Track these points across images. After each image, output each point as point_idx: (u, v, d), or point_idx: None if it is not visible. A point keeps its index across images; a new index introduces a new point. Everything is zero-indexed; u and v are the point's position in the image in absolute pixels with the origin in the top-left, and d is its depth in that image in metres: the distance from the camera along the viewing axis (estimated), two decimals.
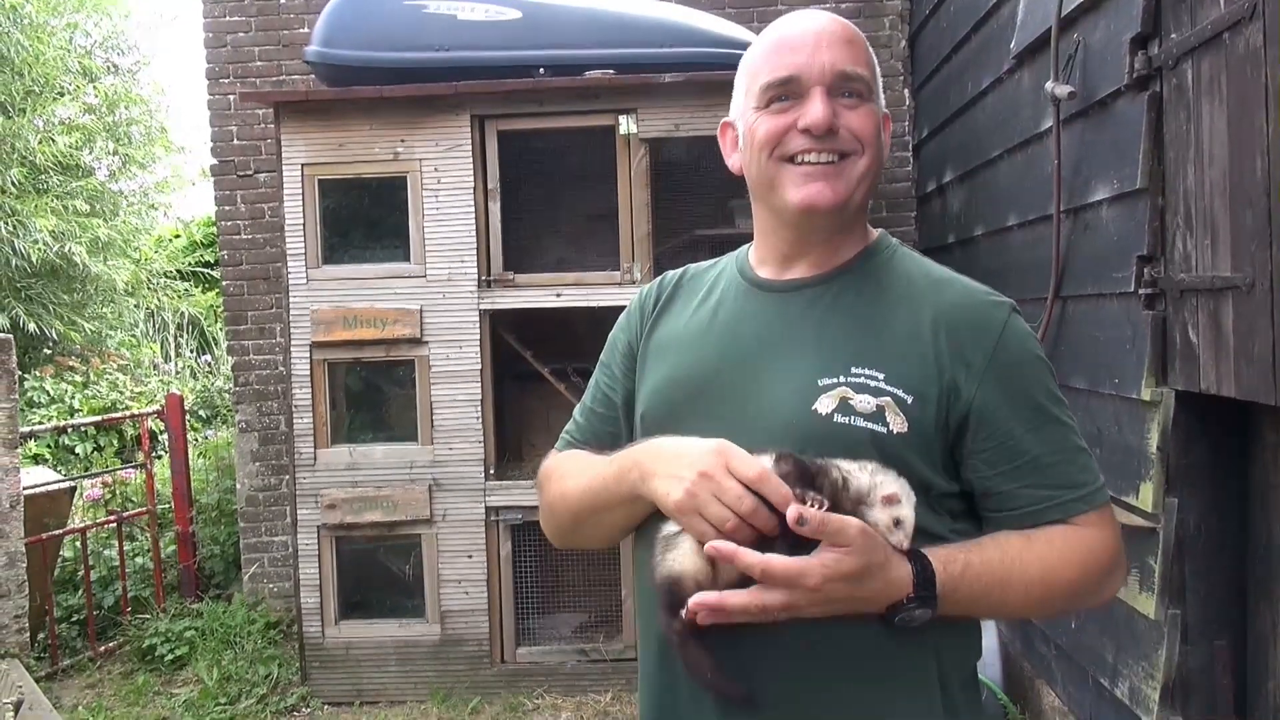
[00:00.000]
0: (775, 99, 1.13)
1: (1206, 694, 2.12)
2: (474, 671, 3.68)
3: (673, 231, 3.79)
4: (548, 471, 1.32)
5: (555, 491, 1.28)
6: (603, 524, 1.22)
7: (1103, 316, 2.44)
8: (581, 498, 1.22)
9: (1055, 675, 2.90)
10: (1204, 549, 2.12)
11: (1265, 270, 1.73)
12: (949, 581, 1.04)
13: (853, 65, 1.12)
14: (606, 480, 1.17)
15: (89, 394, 8.21)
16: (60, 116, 9.48)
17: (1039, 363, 1.16)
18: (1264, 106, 1.72)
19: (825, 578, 0.99)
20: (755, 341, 1.16)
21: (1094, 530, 1.12)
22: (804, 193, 1.12)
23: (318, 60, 3.70)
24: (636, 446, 1.15)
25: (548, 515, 1.32)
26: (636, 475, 1.11)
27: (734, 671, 1.07)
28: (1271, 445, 1.99)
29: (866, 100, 1.13)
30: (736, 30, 3.87)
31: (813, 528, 0.98)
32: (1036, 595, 1.10)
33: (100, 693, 3.94)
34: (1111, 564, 1.13)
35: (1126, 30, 2.21)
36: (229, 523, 4.90)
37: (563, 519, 1.28)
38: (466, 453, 3.65)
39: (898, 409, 1.07)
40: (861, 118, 1.12)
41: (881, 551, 1.01)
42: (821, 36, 1.12)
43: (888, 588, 1.03)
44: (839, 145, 1.11)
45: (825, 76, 1.11)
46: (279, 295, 4.34)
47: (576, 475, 1.24)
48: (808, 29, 1.13)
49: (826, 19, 1.15)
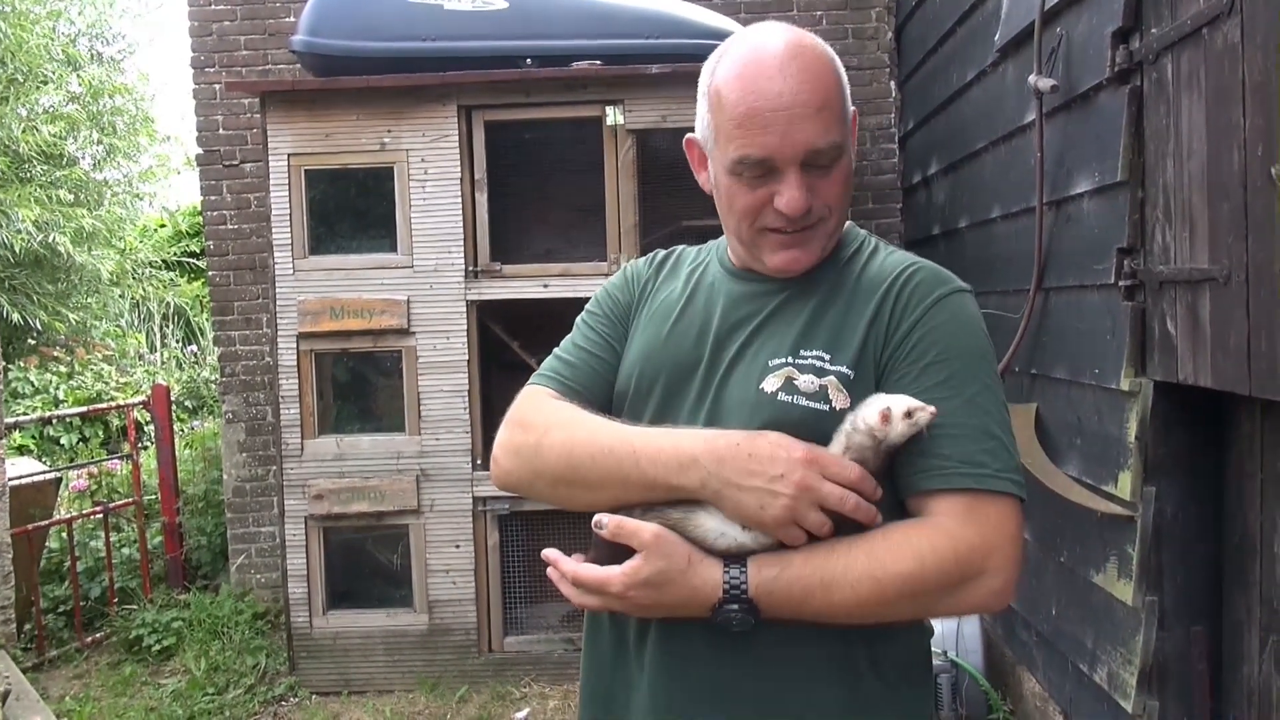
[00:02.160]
0: (748, 174, 1.12)
1: (1183, 679, 2.16)
2: (462, 660, 3.70)
3: (660, 222, 3.80)
4: (547, 416, 1.20)
5: (558, 440, 1.16)
6: (602, 498, 1.13)
7: (1084, 307, 2.47)
8: (593, 466, 1.13)
9: (1036, 661, 2.93)
10: (1181, 537, 2.15)
11: (1241, 263, 1.76)
12: (763, 584, 1.05)
13: (825, 138, 1.09)
14: (639, 459, 1.10)
15: (74, 385, 8.18)
16: (44, 105, 9.41)
17: (970, 341, 1.13)
18: (1241, 101, 1.75)
19: (625, 585, 1.07)
20: (725, 323, 1.20)
21: (951, 521, 1.06)
22: (780, 259, 1.16)
23: (304, 50, 3.69)
24: (689, 440, 1.09)
25: (530, 456, 1.19)
26: (702, 480, 1.06)
27: (667, 654, 1.15)
28: (1247, 435, 2.03)
29: (838, 161, 1.12)
30: (723, 21, 3.88)
31: (609, 532, 1.08)
32: (865, 591, 1.04)
33: (87, 683, 3.94)
34: (967, 562, 1.04)
35: (1108, 24, 2.24)
36: (216, 513, 4.90)
37: (553, 470, 1.17)
38: (454, 443, 3.66)
39: (841, 386, 1.11)
40: (833, 184, 1.13)
41: (681, 558, 1.06)
42: (794, 111, 1.08)
43: (694, 594, 1.06)
44: (810, 220, 1.14)
45: (799, 155, 1.10)
46: (265, 285, 4.34)
47: (592, 437, 1.15)
48: (780, 98, 1.08)
49: (797, 79, 1.08)
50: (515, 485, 1.22)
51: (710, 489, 1.06)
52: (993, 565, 1.05)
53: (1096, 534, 2.41)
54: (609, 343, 1.29)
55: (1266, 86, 1.67)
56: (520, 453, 1.20)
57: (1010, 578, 1.07)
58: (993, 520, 1.06)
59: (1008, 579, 1.07)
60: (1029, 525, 2.91)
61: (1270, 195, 1.66)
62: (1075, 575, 2.57)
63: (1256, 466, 1.99)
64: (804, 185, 1.11)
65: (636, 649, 1.19)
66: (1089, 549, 2.47)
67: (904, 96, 4.45)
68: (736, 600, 1.05)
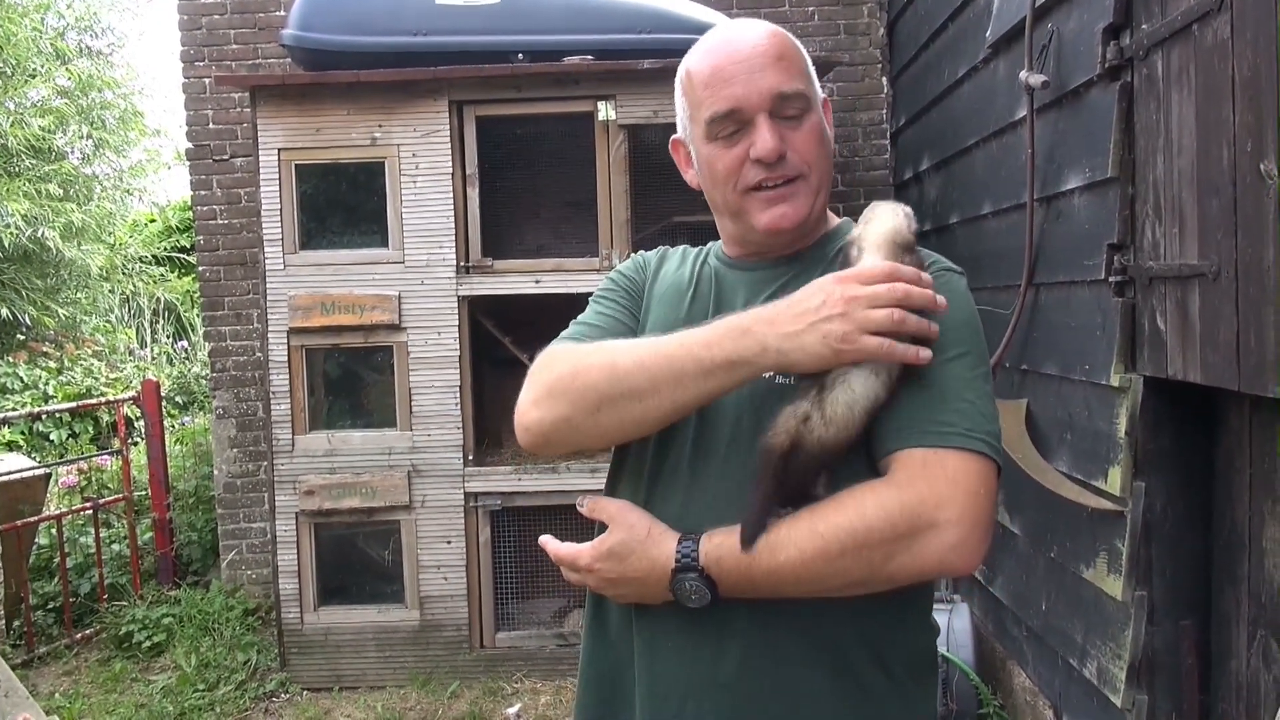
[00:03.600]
0: (722, 132, 1.16)
1: (1172, 673, 2.17)
2: (453, 656, 3.70)
3: (651, 218, 3.80)
4: (578, 352, 1.17)
5: (595, 362, 1.12)
6: (654, 406, 1.08)
7: (1074, 303, 2.48)
8: (642, 371, 1.08)
9: (1026, 656, 2.95)
10: (1170, 531, 2.16)
11: (1230, 259, 1.76)
12: (712, 551, 1.07)
13: (789, 83, 1.14)
14: (692, 348, 1.06)
15: (63, 380, 8.14)
16: (33, 99, 9.35)
17: (958, 313, 1.11)
18: (1231, 97, 1.75)
19: (593, 557, 1.14)
20: (727, 308, 1.20)
21: (902, 475, 1.04)
22: (768, 216, 1.17)
23: (294, 44, 3.67)
24: (733, 319, 1.07)
25: (565, 387, 1.13)
26: (762, 344, 1.03)
27: (653, 639, 1.17)
28: (1236, 430, 2.04)
29: (807, 114, 1.16)
30: (715, 16, 3.87)
31: (587, 509, 1.18)
32: (809, 548, 1.02)
33: (77, 680, 3.92)
34: (914, 514, 1.01)
35: (1099, 21, 2.24)
36: (206, 509, 4.88)
37: (596, 389, 1.10)
38: (445, 439, 3.65)
39: None
40: (805, 137, 1.16)
41: (641, 529, 1.13)
42: (754, 61, 1.14)
43: (653, 565, 1.10)
44: (789, 170, 1.16)
45: (765, 102, 1.14)
46: (256, 281, 4.33)
47: (632, 348, 1.12)
48: (739, 53, 1.15)
49: (755, 36, 1.16)
50: (550, 430, 1.14)
51: (773, 348, 1.03)
52: (944, 518, 1.01)
53: (1087, 529, 2.42)
54: (629, 312, 1.30)
55: (1256, 83, 1.67)
56: (554, 389, 1.14)
57: (968, 534, 1.01)
58: (948, 473, 1.02)
59: (964, 535, 1.01)
60: (1019, 520, 2.92)
61: (1259, 192, 1.67)
62: (1065, 570, 2.58)
63: (1245, 462, 2.00)
64: (775, 130, 1.14)
65: (633, 631, 1.20)
66: (1079, 544, 2.48)
67: (896, 92, 4.46)
68: (690, 569, 1.08)
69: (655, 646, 1.17)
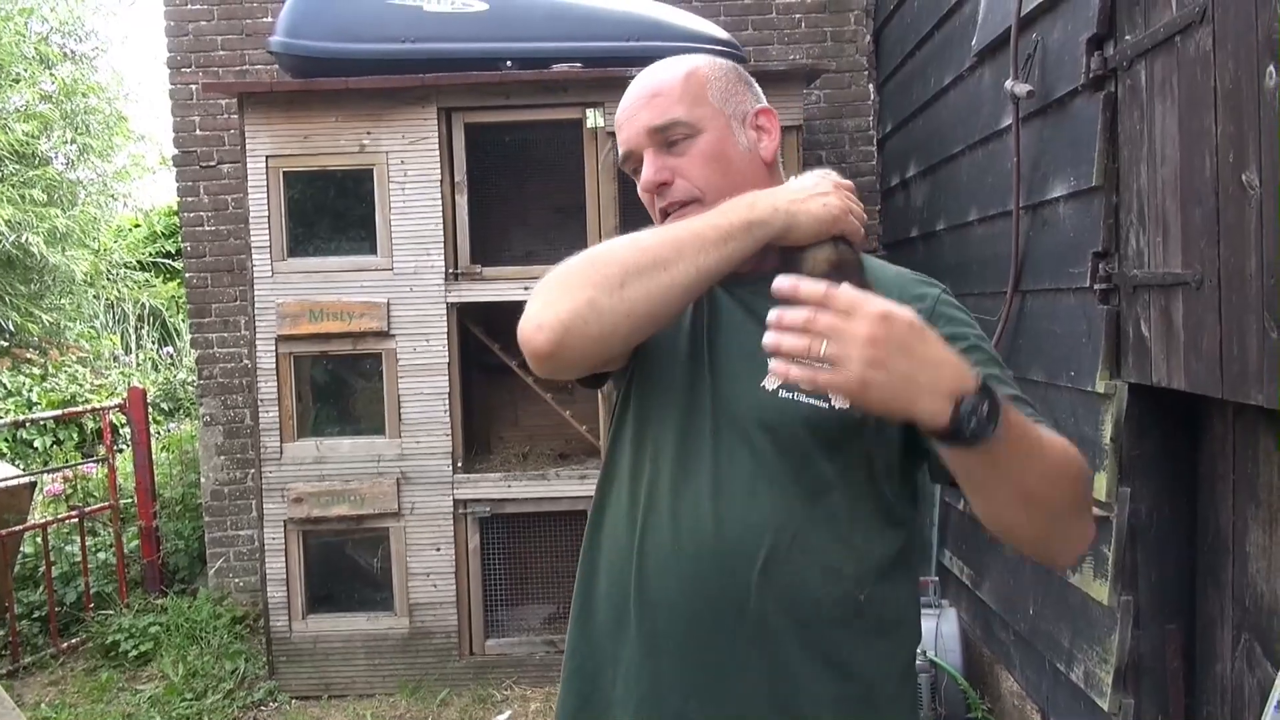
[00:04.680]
0: (630, 170, 1.27)
1: (1158, 677, 2.19)
2: (443, 664, 3.69)
3: (640, 225, 3.79)
4: (579, 254, 1.16)
5: (614, 243, 1.14)
6: (680, 271, 1.09)
7: (1060, 311, 2.50)
8: (664, 240, 1.11)
9: (1014, 661, 2.96)
10: (1155, 537, 2.18)
11: (1214, 267, 1.79)
12: (1004, 403, 0.94)
13: (659, 117, 1.21)
14: (709, 218, 1.12)
15: (48, 387, 8.08)
16: (16, 104, 9.29)
17: (973, 326, 1.21)
18: (1213, 108, 1.78)
19: (891, 313, 0.90)
20: (722, 327, 1.23)
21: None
22: None
23: (282, 50, 3.67)
24: (743, 195, 1.16)
25: (582, 270, 1.11)
26: (773, 206, 1.13)
27: (653, 635, 1.17)
28: (1220, 437, 2.06)
29: (691, 139, 1.21)
30: (703, 24, 3.89)
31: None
32: (1060, 454, 1.03)
33: (63, 690, 3.90)
34: (1084, 471, 1.08)
35: (1083, 31, 2.26)
36: (193, 517, 4.86)
37: (620, 263, 1.09)
38: (434, 446, 3.65)
39: None
40: (688, 162, 1.21)
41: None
42: (634, 104, 1.24)
43: (954, 363, 0.93)
44: (677, 196, 1.22)
45: (642, 139, 1.23)
46: (243, 288, 4.31)
47: (648, 230, 1.17)
48: (627, 100, 1.25)
49: (642, 81, 1.25)
50: (570, 319, 1.07)
51: (783, 210, 1.13)
52: (1088, 478, 1.10)
53: None
54: None
55: (1237, 94, 1.69)
56: (569, 281, 1.10)
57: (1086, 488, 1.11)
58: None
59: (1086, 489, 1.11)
60: None
61: (1242, 202, 1.69)
62: (1052, 575, 2.60)
63: (1229, 468, 2.02)
64: (653, 160, 1.22)
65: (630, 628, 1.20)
66: None
67: (882, 99, 4.48)
68: (987, 396, 0.92)
69: (658, 646, 1.17)
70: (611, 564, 1.23)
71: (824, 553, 1.13)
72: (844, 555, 1.14)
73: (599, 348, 1.10)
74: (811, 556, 1.13)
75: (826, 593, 1.13)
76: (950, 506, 3.52)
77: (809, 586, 1.13)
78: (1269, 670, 1.87)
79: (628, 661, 1.20)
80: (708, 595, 1.14)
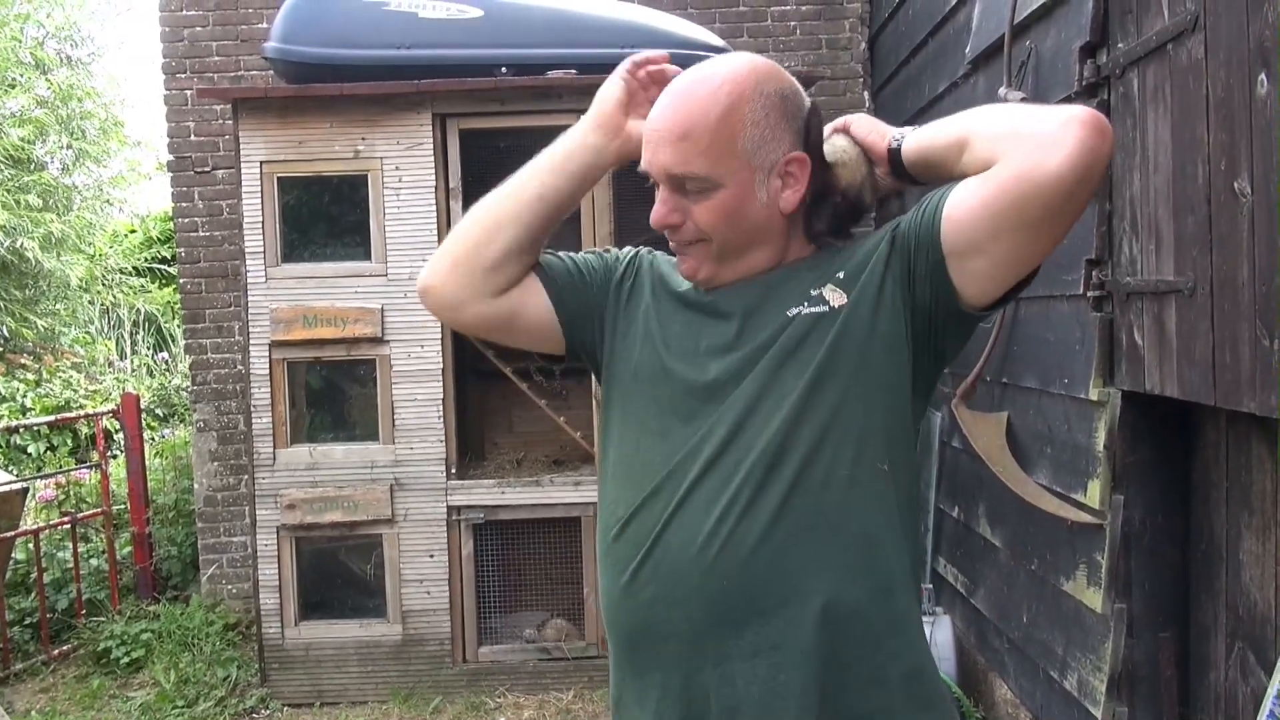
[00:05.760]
0: (649, 183, 1.26)
1: (1151, 685, 2.18)
2: (436, 671, 3.68)
3: (635, 231, 3.79)
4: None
5: (487, 201, 1.34)
6: (522, 195, 1.32)
7: (1053, 318, 2.50)
8: (504, 187, 1.34)
9: (1008, 668, 2.96)
10: (1149, 544, 2.18)
11: (1206, 275, 1.79)
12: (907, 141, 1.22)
13: (681, 165, 1.18)
14: (554, 149, 1.33)
15: (42, 393, 8.04)
16: (11, 109, 9.28)
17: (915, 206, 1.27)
18: (1205, 116, 1.78)
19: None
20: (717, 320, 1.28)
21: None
22: (682, 268, 1.28)
23: (277, 56, 3.67)
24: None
25: (460, 237, 1.34)
26: (583, 118, 1.32)
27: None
28: (1212, 444, 2.06)
29: (708, 192, 1.19)
30: (699, 31, 3.89)
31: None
32: (959, 148, 1.15)
33: (54, 697, 3.87)
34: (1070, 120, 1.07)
35: (1076, 39, 2.27)
36: (186, 523, 4.84)
37: (470, 219, 1.34)
38: (428, 452, 3.64)
39: (836, 287, 1.21)
40: (701, 211, 1.20)
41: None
42: (662, 132, 1.19)
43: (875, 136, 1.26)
44: (684, 236, 1.23)
45: (660, 175, 1.21)
46: (237, 293, 4.30)
47: (510, 179, 1.35)
48: (658, 119, 1.20)
49: (673, 107, 1.19)
50: (465, 259, 1.32)
51: (586, 113, 1.32)
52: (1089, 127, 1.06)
53: (1066, 542, 2.44)
54: (586, 270, 1.37)
55: (1229, 102, 1.70)
56: (452, 247, 1.34)
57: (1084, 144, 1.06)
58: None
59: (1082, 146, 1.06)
60: (1001, 532, 2.93)
61: (1233, 209, 1.69)
62: (1046, 583, 2.60)
63: (1221, 475, 2.02)
64: (666, 201, 1.22)
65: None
66: (1059, 557, 2.50)
67: (877, 106, 4.49)
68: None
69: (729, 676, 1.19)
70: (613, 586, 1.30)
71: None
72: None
73: (470, 280, 1.31)
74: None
75: None
76: (945, 514, 3.51)
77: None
78: (1262, 678, 1.86)
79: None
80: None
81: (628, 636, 1.23)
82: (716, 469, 1.17)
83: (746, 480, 1.15)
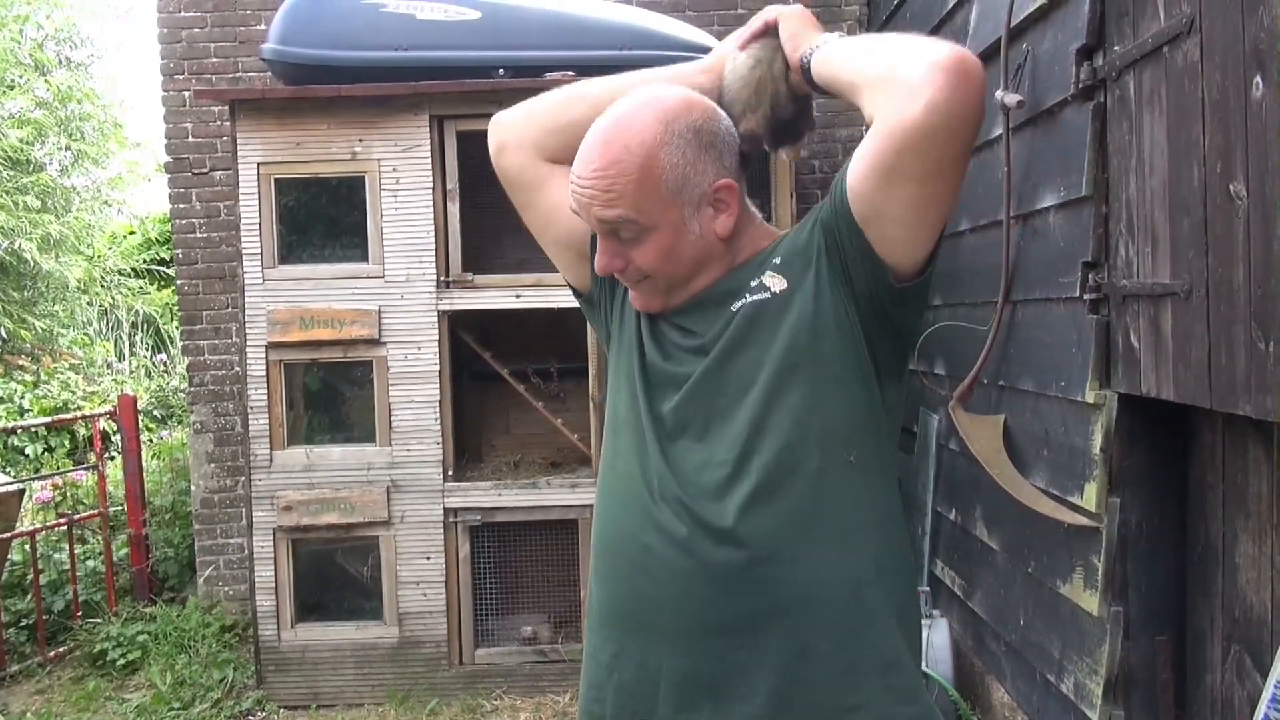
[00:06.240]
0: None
1: (1148, 688, 2.18)
2: (432, 673, 3.67)
3: None
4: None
5: (586, 81, 1.44)
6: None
7: (1050, 320, 2.50)
8: (626, 83, 1.37)
9: (1004, 672, 2.95)
10: (1145, 547, 2.18)
11: (1202, 278, 1.78)
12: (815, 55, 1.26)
13: (609, 211, 1.21)
14: (664, 73, 1.40)
15: (39, 394, 8.03)
16: (10, 110, 9.27)
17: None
18: (1201, 118, 1.78)
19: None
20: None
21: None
22: (636, 304, 1.33)
23: (274, 58, 3.67)
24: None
25: (549, 98, 1.47)
26: (699, 60, 1.41)
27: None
28: (1209, 447, 2.06)
29: (642, 235, 1.23)
30: (696, 34, 3.89)
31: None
32: (854, 78, 1.16)
33: (50, 698, 3.87)
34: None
35: (1072, 42, 2.27)
36: (183, 525, 4.83)
37: (582, 93, 1.42)
38: (425, 454, 3.64)
39: (776, 273, 1.24)
40: (644, 254, 1.25)
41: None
42: (586, 192, 1.22)
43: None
44: (631, 277, 1.29)
45: (596, 227, 1.26)
46: (235, 295, 4.29)
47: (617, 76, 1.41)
48: (579, 175, 1.23)
49: (595, 161, 1.21)
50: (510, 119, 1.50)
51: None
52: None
53: (1063, 545, 2.44)
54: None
55: (1225, 105, 1.70)
56: (561, 90, 1.47)
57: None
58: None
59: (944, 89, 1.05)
60: (997, 535, 2.93)
61: (1229, 212, 1.69)
62: (1042, 586, 2.60)
63: (1218, 478, 2.02)
64: (606, 250, 1.26)
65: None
66: (1056, 560, 2.50)
67: None
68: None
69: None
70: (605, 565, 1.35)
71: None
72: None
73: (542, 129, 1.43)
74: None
75: None
76: (942, 516, 3.51)
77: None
78: (1258, 681, 1.86)
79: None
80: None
81: (602, 610, 1.30)
82: (686, 467, 1.22)
83: (716, 475, 1.19)
